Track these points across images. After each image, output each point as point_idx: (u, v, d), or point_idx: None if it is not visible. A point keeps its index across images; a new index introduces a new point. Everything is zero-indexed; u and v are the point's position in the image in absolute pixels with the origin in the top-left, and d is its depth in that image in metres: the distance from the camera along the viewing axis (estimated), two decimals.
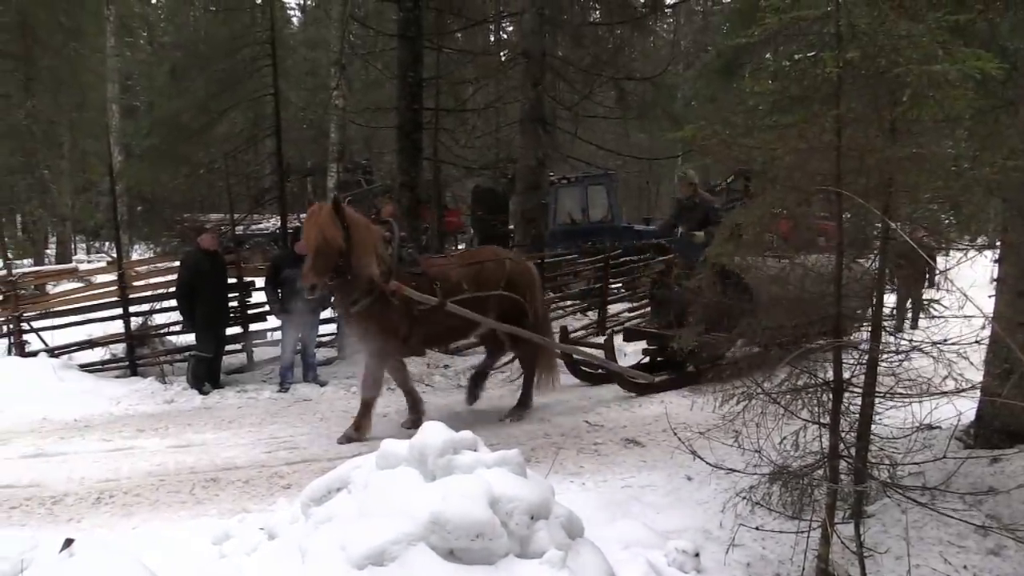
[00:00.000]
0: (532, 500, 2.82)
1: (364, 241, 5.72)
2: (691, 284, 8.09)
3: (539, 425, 6.48)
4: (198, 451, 5.78)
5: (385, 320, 5.87)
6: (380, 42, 14.71)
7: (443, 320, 6.09)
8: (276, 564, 2.93)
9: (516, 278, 6.71)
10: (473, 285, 6.41)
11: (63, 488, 4.91)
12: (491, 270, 6.61)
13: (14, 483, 5.02)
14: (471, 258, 6.84)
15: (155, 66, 24.62)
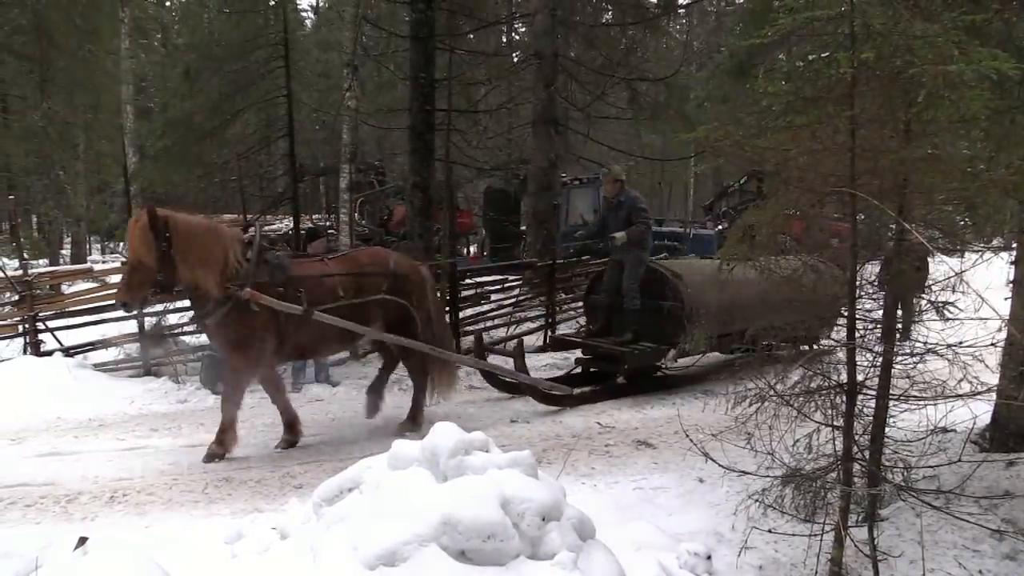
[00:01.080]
0: (543, 501, 2.81)
1: (194, 250, 5.28)
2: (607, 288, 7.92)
3: (550, 426, 6.48)
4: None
5: (244, 330, 5.48)
6: (393, 43, 14.74)
7: (318, 328, 5.70)
8: (288, 564, 2.94)
9: (401, 282, 6.26)
10: (351, 290, 5.98)
11: (77, 487, 4.94)
12: (372, 273, 6.18)
13: (29, 481, 5.05)
14: (351, 261, 6.29)
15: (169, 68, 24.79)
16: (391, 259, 6.42)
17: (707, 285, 7.37)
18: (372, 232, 19.80)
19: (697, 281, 7.49)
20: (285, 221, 17.78)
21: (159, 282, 5.24)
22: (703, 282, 7.45)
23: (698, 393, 7.51)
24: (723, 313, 7.39)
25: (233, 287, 5.35)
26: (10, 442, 6.07)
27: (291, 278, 5.71)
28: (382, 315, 6.15)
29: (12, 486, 4.97)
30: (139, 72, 23.52)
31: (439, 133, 10.11)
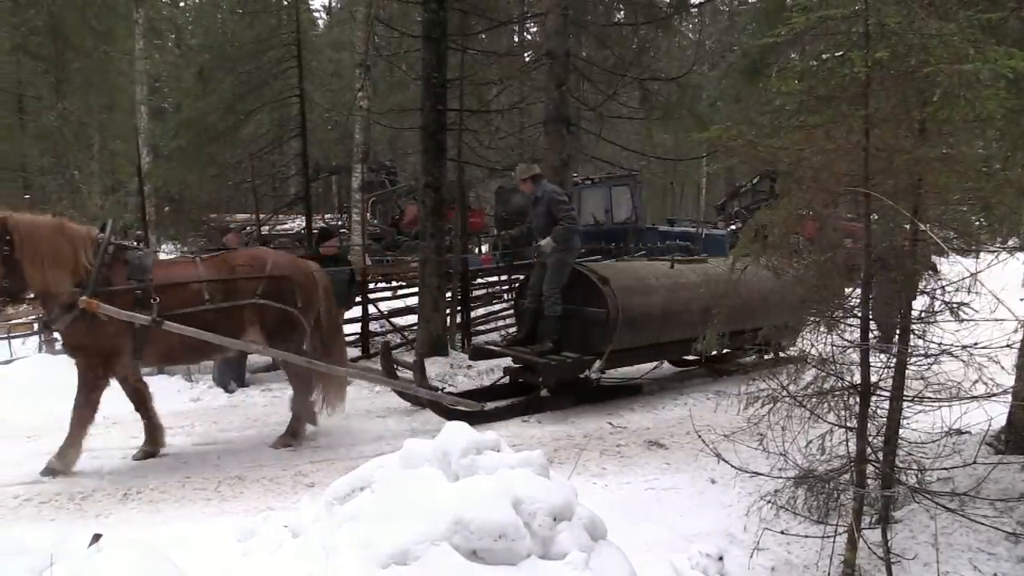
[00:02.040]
0: (555, 501, 2.81)
1: (41, 252, 4.96)
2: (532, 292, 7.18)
3: (562, 427, 6.47)
4: (223, 449, 5.83)
5: (96, 337, 5.13)
6: (405, 43, 14.76)
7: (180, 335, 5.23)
8: (300, 562, 2.95)
9: (280, 284, 5.72)
10: (219, 294, 5.50)
11: (91, 484, 4.98)
12: (245, 276, 5.63)
13: (43, 480, 5.09)
14: (223, 263, 5.72)
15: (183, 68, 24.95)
16: (269, 260, 5.86)
17: (636, 290, 7.03)
18: (384, 232, 19.88)
19: (626, 286, 6.99)
20: (298, 221, 17.85)
21: (5, 288, 4.99)
22: (632, 287, 7.03)
23: (710, 394, 7.48)
24: (651, 320, 7.05)
25: (77, 293, 5.00)
26: (26, 439, 6.12)
27: (151, 282, 5.29)
28: (259, 320, 5.63)
29: (27, 483, 5.01)
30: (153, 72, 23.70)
31: (451, 133, 10.11)
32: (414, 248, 16.93)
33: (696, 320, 7.08)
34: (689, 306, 7.08)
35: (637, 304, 6.94)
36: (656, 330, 7.16)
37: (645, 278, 7.27)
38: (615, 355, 6.94)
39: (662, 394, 7.69)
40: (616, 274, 7.17)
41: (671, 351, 7.80)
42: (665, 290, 7.21)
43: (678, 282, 7.36)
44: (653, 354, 7.71)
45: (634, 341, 7.07)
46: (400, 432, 6.15)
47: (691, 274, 7.53)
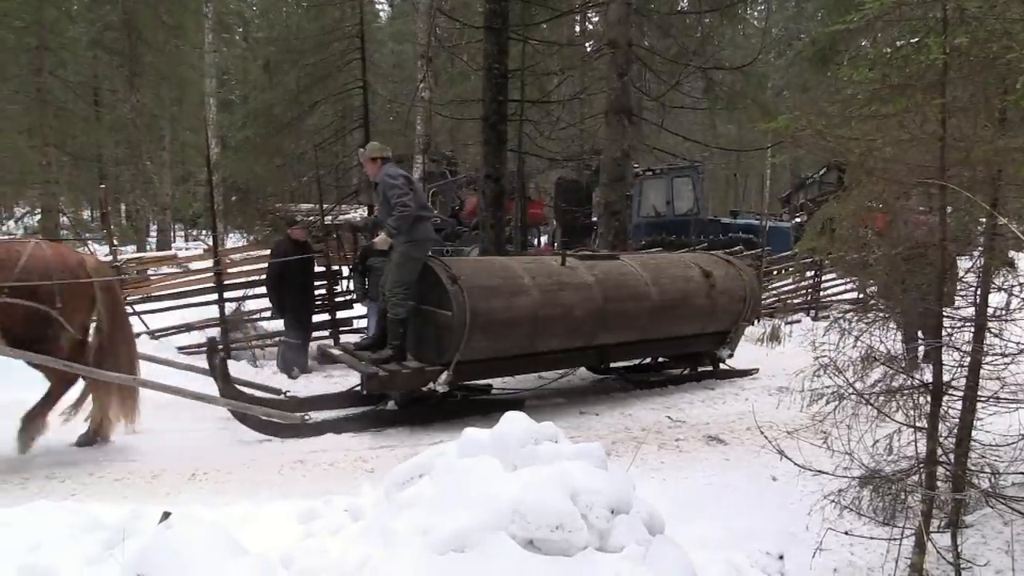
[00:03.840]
0: (612, 494, 2.79)
1: None
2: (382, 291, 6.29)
3: (620, 419, 6.44)
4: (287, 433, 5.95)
5: None
6: (466, 34, 14.82)
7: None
8: (360, 545, 3.00)
9: (37, 278, 5.04)
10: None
11: (161, 464, 5.15)
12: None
13: (116, 458, 5.29)
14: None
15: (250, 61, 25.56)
16: (24, 255, 5.12)
17: (498, 291, 6.02)
18: (444, 222, 20.01)
19: (482, 285, 5.96)
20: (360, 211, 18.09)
21: None
22: (493, 287, 6.02)
23: (772, 390, 7.34)
24: (516, 327, 6.09)
25: None
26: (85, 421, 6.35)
27: None
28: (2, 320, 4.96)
29: (100, 461, 5.22)
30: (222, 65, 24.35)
31: (512, 123, 10.13)
32: (474, 239, 17.03)
33: (586, 327, 6.62)
34: (572, 311, 6.34)
35: (496, 308, 5.94)
36: (526, 338, 6.22)
37: (515, 277, 6.21)
38: (467, 367, 6.03)
39: (722, 389, 7.58)
40: (474, 271, 6.13)
41: (552, 363, 6.80)
42: (540, 291, 6.19)
43: (562, 282, 6.40)
44: (526, 366, 6.63)
45: (494, 350, 6.14)
46: (457, 422, 6.19)
47: (584, 273, 6.62)
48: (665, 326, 7.19)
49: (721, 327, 7.72)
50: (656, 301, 6.96)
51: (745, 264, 8.48)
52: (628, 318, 6.83)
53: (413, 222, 6.03)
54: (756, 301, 8.03)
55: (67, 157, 23.35)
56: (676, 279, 7.26)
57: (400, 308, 6.10)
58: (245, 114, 16.13)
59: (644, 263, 7.38)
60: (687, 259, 7.88)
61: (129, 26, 22.36)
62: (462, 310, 5.75)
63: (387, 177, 6.11)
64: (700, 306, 7.33)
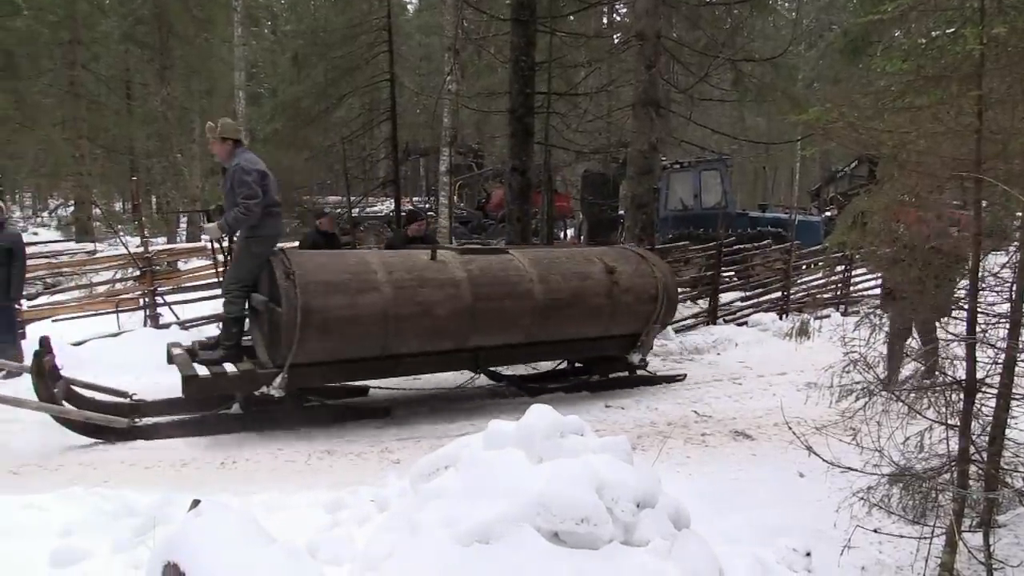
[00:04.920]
0: (638, 488, 2.79)
1: None
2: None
3: (646, 413, 6.42)
4: (314, 423, 6.01)
5: None
6: (494, 27, 14.79)
7: None
8: (386, 535, 3.02)
9: None
10: None
11: (191, 454, 5.22)
12: None
13: (147, 446, 5.37)
14: None
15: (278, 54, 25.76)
16: None
17: (342, 287, 5.51)
18: (470, 214, 20.06)
19: (323, 280, 5.46)
20: (387, 203, 18.19)
21: None
22: (336, 283, 5.51)
23: (800, 385, 7.28)
24: (363, 326, 5.56)
25: None
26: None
27: None
28: None
29: (132, 450, 5.30)
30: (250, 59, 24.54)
31: (538, 116, 10.10)
32: (500, 231, 17.04)
33: (454, 328, 6.02)
34: (433, 310, 5.81)
35: (336, 305, 5.42)
36: (376, 339, 5.68)
37: (366, 272, 5.68)
38: (306, 370, 5.55)
39: (749, 384, 7.52)
40: (319, 266, 5.62)
41: (415, 367, 6.23)
42: (393, 288, 5.66)
43: (423, 278, 5.85)
44: (382, 370, 6.05)
45: (337, 352, 5.63)
46: (485, 414, 6.21)
47: (455, 269, 6.06)
48: (555, 328, 6.52)
49: (629, 329, 7.00)
50: (541, 300, 6.28)
51: (660, 259, 7.64)
52: (506, 318, 6.19)
53: (261, 217, 5.69)
54: (671, 301, 7.19)
55: (99, 150, 23.74)
56: (569, 276, 6.54)
57: (232, 306, 5.82)
58: (273, 107, 16.26)
59: (536, 258, 6.64)
60: (592, 253, 7.15)
61: (160, 20, 22.61)
62: (293, 307, 5.24)
63: (240, 170, 5.66)
64: (598, 306, 6.62)
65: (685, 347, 9.26)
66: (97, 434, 5.40)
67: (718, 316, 10.70)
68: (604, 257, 6.96)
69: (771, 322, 10.54)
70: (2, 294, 7.26)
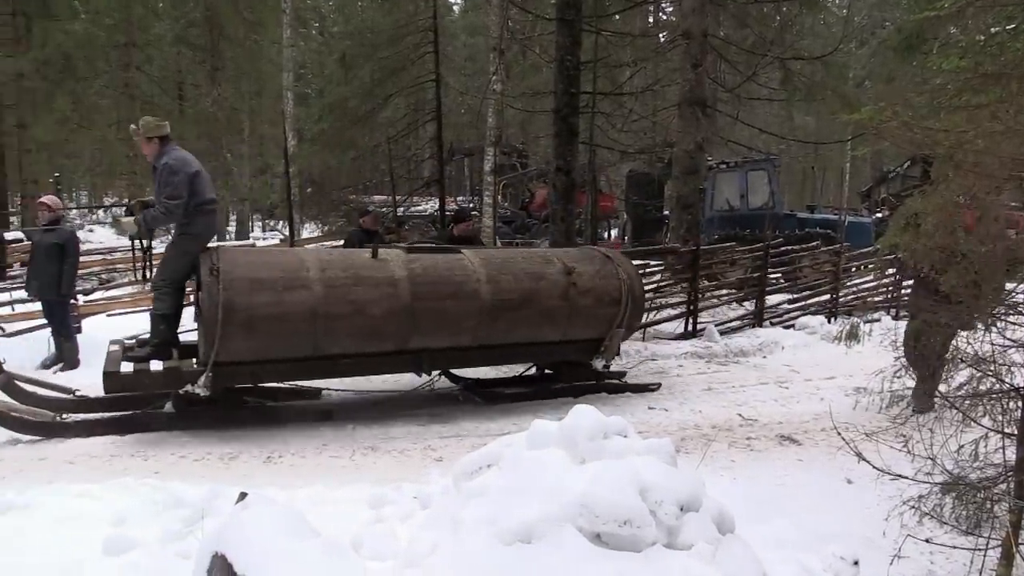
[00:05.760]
0: (682, 491, 2.76)
1: None
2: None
3: (689, 416, 6.35)
4: (359, 420, 6.08)
5: None
6: (539, 26, 14.80)
7: None
8: (428, 532, 3.04)
9: None
10: None
11: (238, 448, 5.31)
12: None
13: (196, 441, 5.47)
14: None
15: (326, 55, 26.08)
16: None
17: (271, 284, 5.34)
18: (514, 214, 20.10)
19: (249, 277, 5.31)
20: (431, 202, 18.32)
21: None
22: (264, 279, 5.35)
23: (849, 390, 7.13)
24: (291, 324, 5.38)
25: None
26: None
27: None
28: None
29: (182, 443, 5.41)
30: (299, 60, 24.94)
31: (583, 116, 10.06)
32: (543, 231, 17.03)
33: (391, 329, 5.82)
34: (366, 309, 5.60)
35: (261, 302, 5.25)
36: (305, 338, 5.51)
37: (297, 269, 5.54)
38: (231, 368, 5.40)
39: (795, 388, 7.40)
40: (249, 263, 5.49)
41: (352, 368, 6.02)
42: (324, 286, 5.50)
43: (359, 276, 5.70)
44: (315, 371, 5.86)
45: (263, 351, 5.47)
46: (527, 413, 6.22)
47: (395, 267, 5.86)
48: (505, 330, 6.23)
49: (590, 334, 6.62)
50: (488, 301, 6.00)
51: (627, 260, 7.16)
52: (448, 320, 5.95)
53: (192, 215, 5.65)
54: (636, 305, 6.77)
55: None
56: (521, 276, 6.23)
57: (160, 303, 5.71)
58: (321, 107, 16.48)
59: (488, 258, 6.40)
60: (553, 254, 6.80)
61: (211, 22, 23.13)
62: (214, 304, 5.13)
63: (167, 169, 5.57)
64: (552, 308, 6.29)
65: (730, 349, 9.15)
66: (27, 429, 5.37)
67: (764, 318, 10.54)
68: (565, 258, 6.62)
69: (819, 325, 10.35)
70: (54, 290, 7.50)
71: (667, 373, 7.97)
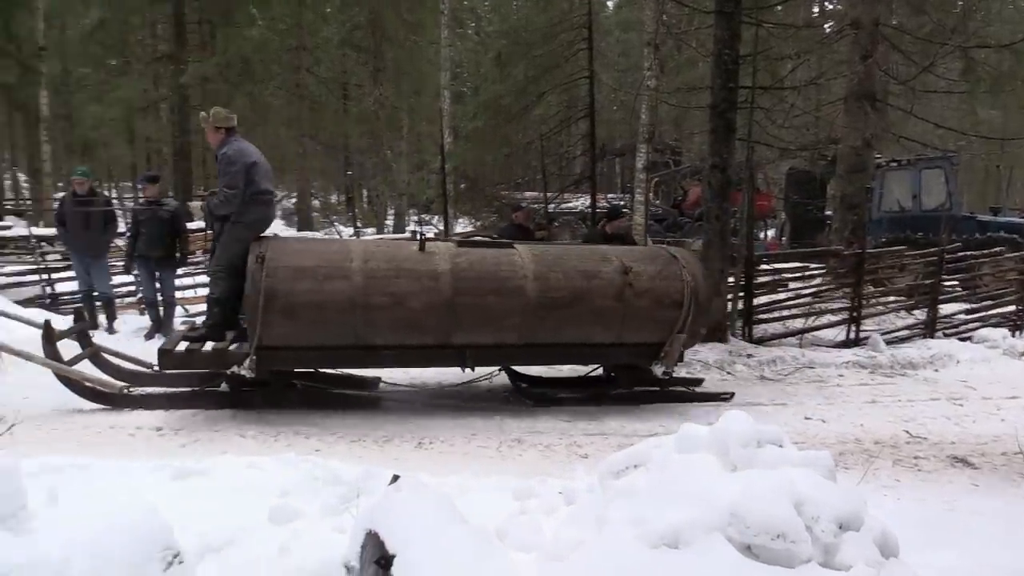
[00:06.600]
0: (841, 508, 2.61)
1: None
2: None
3: (850, 429, 6.00)
4: (507, 412, 6.18)
5: None
6: (696, 19, 14.43)
7: None
8: (573, 528, 3.04)
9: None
10: None
11: (392, 432, 5.54)
12: None
13: (352, 423, 5.75)
14: None
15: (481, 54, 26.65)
16: None
17: (312, 273, 5.51)
18: (666, 212, 19.75)
19: (290, 266, 5.51)
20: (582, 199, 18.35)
21: None
22: (305, 268, 5.53)
23: None
24: (329, 313, 5.51)
25: None
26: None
27: None
28: None
29: (341, 423, 5.71)
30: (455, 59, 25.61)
31: (741, 111, 9.70)
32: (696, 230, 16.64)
33: (431, 322, 5.70)
34: (405, 302, 5.60)
35: (301, 290, 5.46)
36: (344, 327, 5.62)
37: (341, 260, 5.64)
38: (274, 353, 5.61)
39: (972, 406, 6.81)
40: (294, 251, 5.70)
41: (392, 360, 6.07)
42: (364, 277, 5.58)
43: (400, 268, 5.70)
44: (356, 360, 6.02)
45: (304, 338, 5.66)
46: (676, 416, 6.10)
47: (439, 261, 5.79)
48: (553, 330, 6.03)
49: (648, 338, 6.25)
50: (533, 298, 5.83)
51: (695, 261, 6.71)
52: (490, 316, 5.83)
53: (247, 204, 5.84)
54: (700, 310, 6.30)
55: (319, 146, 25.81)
56: (572, 274, 5.99)
57: (215, 287, 5.97)
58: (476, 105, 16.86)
59: (541, 254, 6.18)
60: (611, 252, 6.42)
61: (375, 25, 24.23)
62: (257, 290, 5.37)
63: (225, 159, 5.84)
64: (604, 308, 6.01)
65: (897, 360, 8.54)
66: (96, 398, 5.85)
67: (937, 329, 9.77)
68: (625, 256, 6.29)
69: (1001, 339, 9.45)
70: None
71: (826, 382, 7.57)
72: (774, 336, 9.27)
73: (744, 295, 9.17)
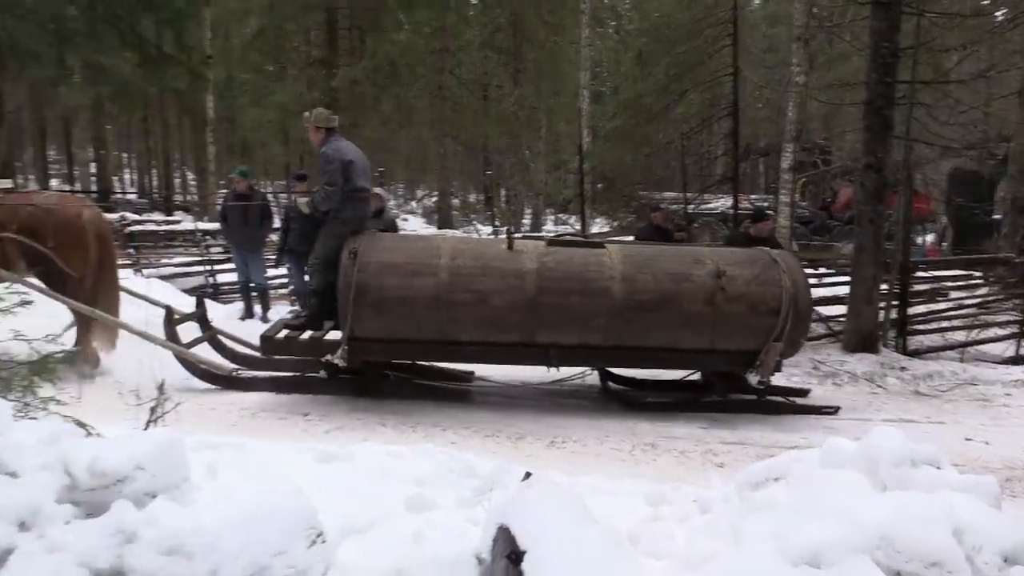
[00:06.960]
0: (1007, 538, 2.41)
1: None
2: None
3: (1019, 453, 5.50)
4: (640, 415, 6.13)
5: None
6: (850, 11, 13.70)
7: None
8: (707, 538, 2.98)
9: (38, 221, 5.95)
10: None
11: (525, 429, 5.62)
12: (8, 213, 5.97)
13: (487, 419, 5.87)
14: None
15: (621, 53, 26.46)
16: (34, 200, 6.29)
17: (401, 269, 5.72)
18: (813, 215, 18.88)
19: (382, 261, 5.74)
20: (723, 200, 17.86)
21: None
22: (396, 264, 5.75)
23: None
24: (415, 308, 5.70)
25: None
26: None
27: None
28: (21, 255, 5.93)
29: (474, 418, 5.84)
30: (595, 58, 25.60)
31: (899, 108, 9.12)
32: (846, 234, 15.82)
33: (515, 320, 5.79)
34: (489, 299, 5.69)
35: (390, 285, 5.68)
36: (430, 323, 5.79)
37: (429, 256, 5.83)
38: (363, 344, 5.83)
39: None
40: (385, 248, 5.93)
41: (477, 356, 6.21)
42: (450, 274, 5.72)
43: (487, 266, 5.78)
44: (441, 354, 6.26)
45: (391, 331, 5.86)
46: (818, 429, 5.83)
47: (525, 260, 5.83)
48: (639, 332, 5.91)
49: (742, 345, 5.97)
50: (619, 300, 5.74)
51: (797, 265, 6.36)
52: (574, 316, 5.79)
53: (344, 201, 6.03)
54: (799, 317, 5.96)
55: (460, 146, 26.46)
56: (661, 277, 5.85)
57: (313, 279, 6.22)
58: (615, 105, 16.77)
59: (631, 255, 6.08)
60: (706, 254, 6.21)
61: (515, 27, 24.56)
62: (348, 284, 5.65)
63: (325, 158, 6.06)
64: (694, 313, 5.80)
65: None
66: (208, 379, 6.28)
67: None
68: (720, 259, 6.06)
69: None
70: None
71: (991, 401, 6.97)
72: (931, 349, 8.67)
73: (899, 304, 8.63)
